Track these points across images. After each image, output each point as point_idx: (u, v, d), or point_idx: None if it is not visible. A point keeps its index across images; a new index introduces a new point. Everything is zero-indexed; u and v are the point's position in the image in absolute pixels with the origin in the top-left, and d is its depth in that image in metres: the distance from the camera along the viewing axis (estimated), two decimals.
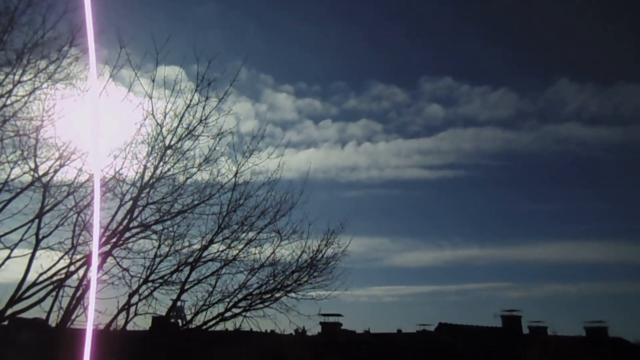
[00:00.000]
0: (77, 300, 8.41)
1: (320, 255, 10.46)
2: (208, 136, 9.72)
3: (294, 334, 27.32)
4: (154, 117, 9.22)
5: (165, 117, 9.35)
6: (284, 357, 18.57)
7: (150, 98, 9.19)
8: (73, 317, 8.38)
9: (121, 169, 8.94)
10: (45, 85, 8.30)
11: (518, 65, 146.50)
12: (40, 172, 8.45)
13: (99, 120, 8.37)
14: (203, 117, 9.59)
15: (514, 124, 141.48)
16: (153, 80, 9.14)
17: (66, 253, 8.62)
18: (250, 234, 10.16)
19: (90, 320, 5.49)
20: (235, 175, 9.99)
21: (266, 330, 21.68)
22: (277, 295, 10.01)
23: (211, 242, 9.83)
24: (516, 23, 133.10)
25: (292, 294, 10.15)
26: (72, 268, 8.60)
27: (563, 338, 25.68)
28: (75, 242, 8.63)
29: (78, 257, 8.71)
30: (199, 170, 9.78)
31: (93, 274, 8.45)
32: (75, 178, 8.61)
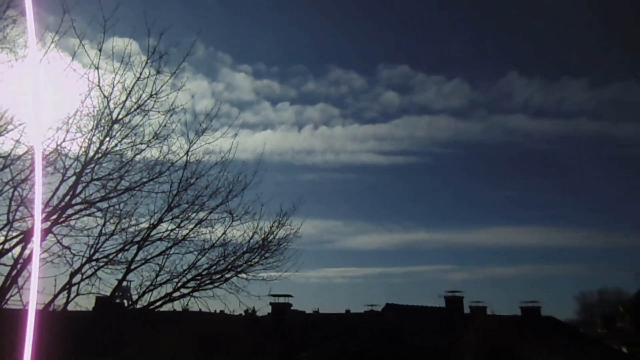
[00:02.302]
0: (13, 279, 7.96)
1: (272, 236, 10.45)
2: (159, 112, 9.35)
3: (243, 314, 27.37)
4: (100, 89, 8.72)
5: (113, 89, 8.88)
6: (233, 336, 18.57)
7: (97, 69, 8.67)
8: (7, 296, 7.94)
9: (64, 142, 8.43)
10: None
11: (472, 57, 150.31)
12: None
13: (40, 89, 7.79)
14: (154, 92, 9.18)
15: (466, 114, 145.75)
16: (100, 50, 8.62)
17: (1, 229, 8.12)
18: (201, 214, 9.98)
19: (32, 301, 5.20)
20: (187, 154, 9.72)
21: (215, 311, 21.56)
22: (228, 275, 9.93)
23: (160, 221, 9.56)
24: (473, 16, 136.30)
25: (243, 275, 10.11)
26: (7, 245, 8.13)
27: (500, 317, 27.22)
28: (10, 218, 8.12)
29: (14, 234, 8.23)
30: (148, 146, 9.42)
31: (35, 251, 7.93)
32: (12, 150, 8.05)
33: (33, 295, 6.30)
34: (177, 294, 9.55)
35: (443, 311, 25.98)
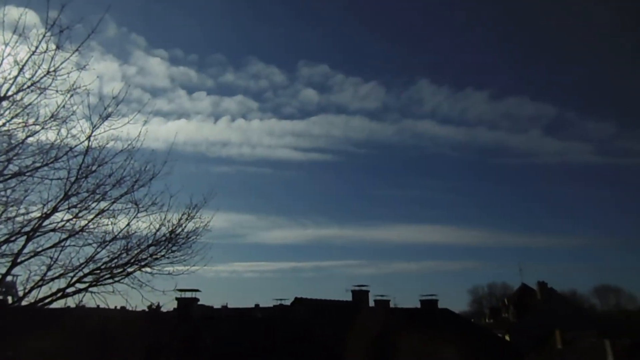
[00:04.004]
0: None
1: (181, 229, 10.06)
2: (58, 91, 8.53)
3: (147, 310, 26.09)
4: None
5: (1, 62, 7.97)
6: (133, 333, 17.63)
7: None
8: None
9: None
10: None
11: (388, 63, 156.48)
12: None
13: None
14: (52, 69, 8.37)
15: (379, 116, 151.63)
16: None
17: None
18: (103, 204, 9.31)
19: None
20: (88, 139, 8.99)
21: (115, 307, 20.34)
22: (130, 270, 9.38)
23: (54, 210, 8.76)
24: (391, 24, 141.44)
25: (147, 269, 9.61)
26: None
27: (402, 309, 28.79)
28: None
29: None
30: (43, 128, 8.57)
31: None
32: None
33: None
34: (71, 289, 8.82)
35: (350, 305, 26.78)
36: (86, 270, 8.97)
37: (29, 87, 8.24)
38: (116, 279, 9.21)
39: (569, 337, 42.09)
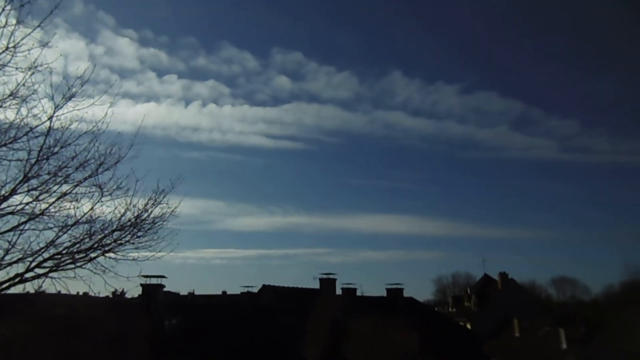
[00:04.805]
0: None
1: (147, 214, 9.86)
2: (18, 68, 8.18)
3: (111, 296, 25.61)
4: None
5: None
6: (96, 319, 17.30)
7: None
8: None
9: None
10: None
11: (362, 53, 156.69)
12: None
13: None
14: (12, 45, 8.01)
15: (352, 106, 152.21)
16: None
17: None
18: (65, 187, 9.00)
19: None
20: (50, 119, 8.67)
21: (78, 293, 19.87)
22: (93, 255, 9.15)
23: (13, 192, 8.43)
24: (366, 13, 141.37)
25: (111, 254, 9.39)
26: None
27: (368, 298, 29.28)
28: None
29: None
30: (2, 107, 8.20)
31: None
32: None
33: None
34: (30, 274, 8.55)
35: (317, 292, 27.04)
36: (46, 255, 8.72)
37: None
38: (78, 264, 8.97)
39: (526, 326, 43.88)
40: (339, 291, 27.75)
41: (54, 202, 8.88)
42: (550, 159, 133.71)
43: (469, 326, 46.89)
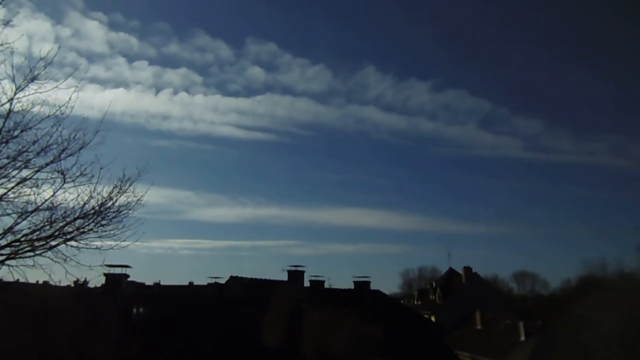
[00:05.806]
0: None
1: (111, 202, 9.71)
2: None
3: (72, 285, 24.93)
4: None
5: None
6: (56, 309, 16.87)
7: None
8: None
9: None
10: None
11: (337, 46, 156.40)
12: None
13: None
14: None
15: (325, 99, 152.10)
16: None
17: None
18: (25, 172, 8.78)
19: None
20: (10, 101, 8.40)
21: (37, 282, 19.30)
22: (54, 243, 8.96)
23: None
24: (341, 7, 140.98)
25: (73, 243, 9.22)
26: None
27: (336, 290, 29.56)
28: None
29: None
30: None
31: None
32: None
33: None
34: None
35: (285, 284, 27.11)
36: (4, 242, 8.49)
37: None
38: (37, 252, 8.77)
39: (488, 318, 45.31)
40: (307, 283, 27.91)
41: (12, 188, 8.65)
42: (516, 158, 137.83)
43: (433, 318, 48.03)
